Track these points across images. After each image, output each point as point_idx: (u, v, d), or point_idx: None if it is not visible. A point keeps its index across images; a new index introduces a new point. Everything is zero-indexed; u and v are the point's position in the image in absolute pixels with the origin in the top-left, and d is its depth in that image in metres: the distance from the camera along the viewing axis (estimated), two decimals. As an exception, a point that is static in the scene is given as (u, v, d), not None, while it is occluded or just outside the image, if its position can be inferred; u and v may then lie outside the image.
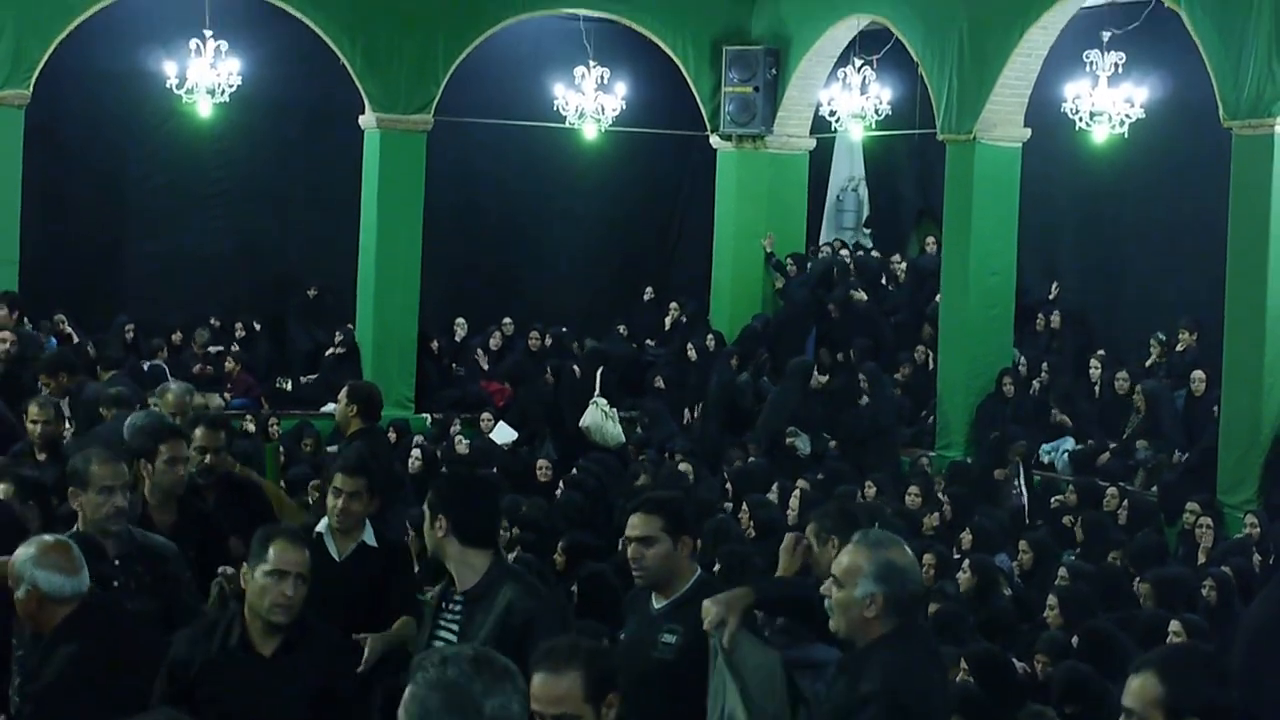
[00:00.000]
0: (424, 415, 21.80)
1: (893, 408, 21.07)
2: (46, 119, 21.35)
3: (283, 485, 14.95)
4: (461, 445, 20.22)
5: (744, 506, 15.95)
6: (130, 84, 22.57)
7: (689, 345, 23.14)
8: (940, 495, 17.64)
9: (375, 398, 11.87)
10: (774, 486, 17.70)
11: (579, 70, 23.16)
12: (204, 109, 21.43)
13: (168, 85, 21.30)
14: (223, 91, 21.20)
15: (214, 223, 23.96)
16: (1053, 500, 18.11)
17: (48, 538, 7.11)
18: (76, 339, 20.51)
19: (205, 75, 21.12)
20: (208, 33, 21.11)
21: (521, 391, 22.37)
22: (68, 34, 20.55)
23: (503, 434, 21.17)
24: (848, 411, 20.98)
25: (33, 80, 20.38)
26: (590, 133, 23.45)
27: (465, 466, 18.10)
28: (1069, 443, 19.72)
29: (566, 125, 23.39)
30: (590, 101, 23.06)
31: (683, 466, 18.67)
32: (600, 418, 21.60)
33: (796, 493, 17.03)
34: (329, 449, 19.45)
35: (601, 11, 23.43)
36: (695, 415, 22.07)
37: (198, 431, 9.65)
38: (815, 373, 21.61)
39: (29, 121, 20.54)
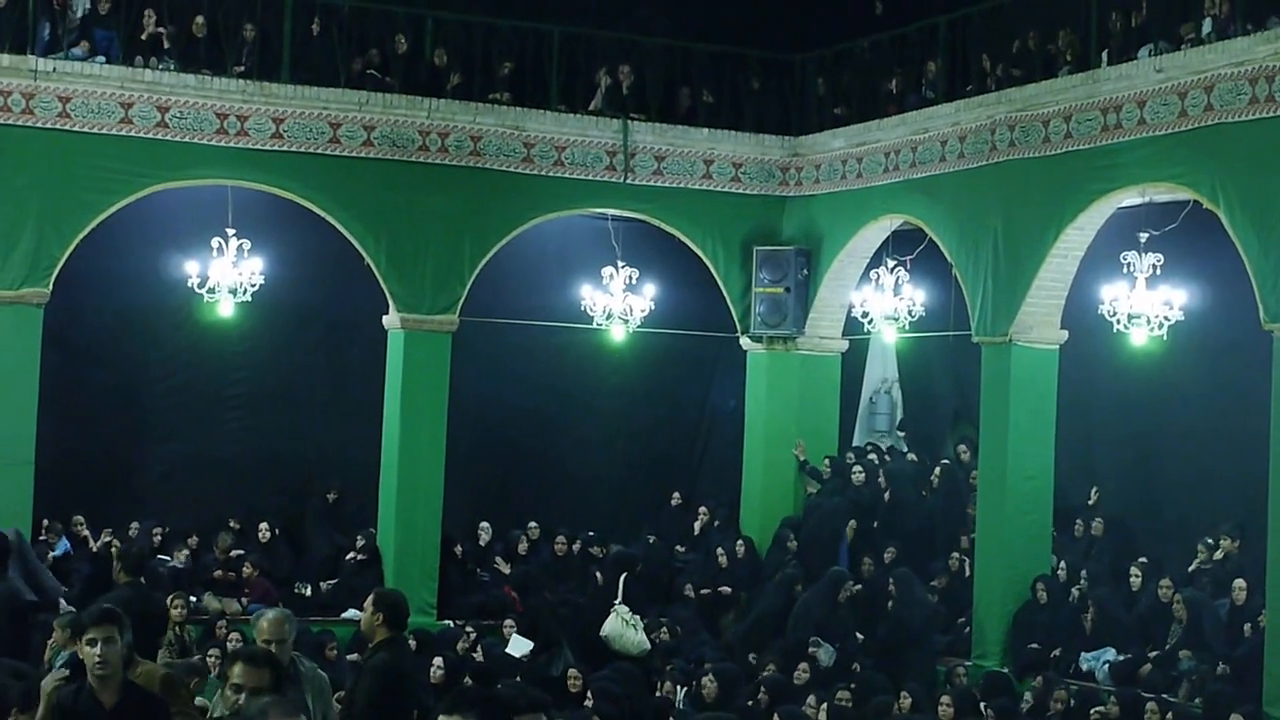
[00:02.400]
0: (446, 622, 21.29)
1: (924, 613, 20.48)
2: (65, 318, 21.09)
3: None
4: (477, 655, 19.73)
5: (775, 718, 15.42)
6: (151, 283, 22.35)
7: (719, 551, 22.67)
8: (983, 709, 17.03)
9: (402, 606, 11.46)
10: (809, 699, 17.15)
11: (607, 270, 22.95)
12: (225, 309, 21.19)
13: (189, 284, 21.08)
14: (245, 291, 20.99)
15: (233, 424, 23.62)
16: (1093, 712, 17.46)
17: None
18: (96, 543, 20.26)
19: (227, 275, 20.93)
20: (230, 231, 20.97)
21: (530, 601, 21.84)
22: (88, 233, 20.37)
23: (518, 645, 20.60)
24: (876, 616, 20.47)
25: (52, 279, 20.20)
26: (618, 334, 23.14)
27: (488, 679, 17.63)
28: (1110, 653, 19.12)
29: (594, 326, 23.11)
30: (618, 302, 22.80)
31: (708, 689, 18.12)
32: (620, 625, 21.05)
33: (824, 706, 16.49)
34: (349, 657, 18.99)
35: (630, 211, 23.26)
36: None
37: (236, 668, 9.21)
38: (849, 583, 21.09)
39: (48, 320, 20.32)
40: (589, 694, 17.81)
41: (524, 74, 22.88)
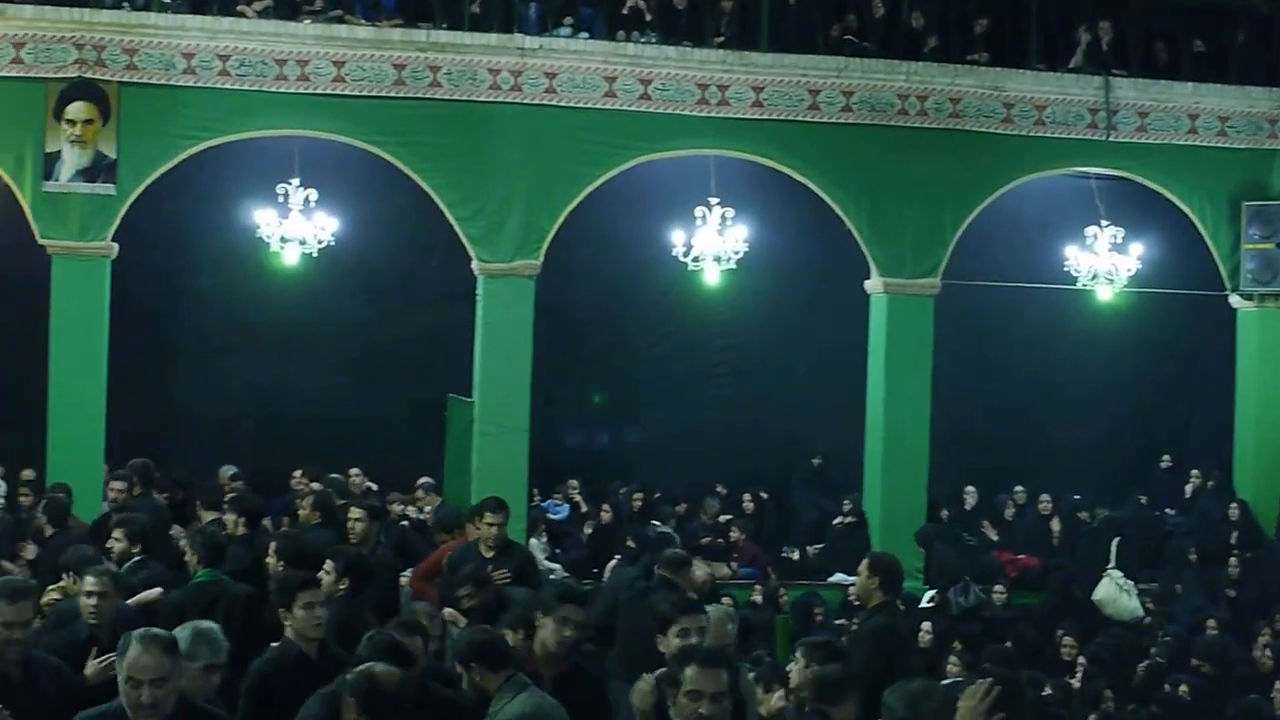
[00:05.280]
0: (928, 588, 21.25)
1: None
2: (555, 289, 21.63)
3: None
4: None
5: None
6: (637, 253, 22.76)
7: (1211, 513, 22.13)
8: None
9: (897, 570, 11.52)
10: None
11: (1091, 230, 22.52)
12: (711, 276, 21.47)
13: (674, 254, 21.44)
14: (729, 259, 21.26)
15: (719, 391, 23.97)
16: None
17: None
18: (585, 508, 20.77)
19: (711, 243, 21.22)
20: (714, 201, 21.26)
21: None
22: (578, 204, 20.84)
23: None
24: None
25: (542, 251, 20.75)
26: (1104, 294, 22.70)
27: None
28: None
29: (1079, 287, 22.72)
30: (1104, 262, 22.36)
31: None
32: (1114, 590, 20.67)
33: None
34: (837, 621, 19.09)
35: (1114, 170, 22.77)
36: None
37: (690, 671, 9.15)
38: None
39: (539, 291, 20.88)
40: (1080, 659, 17.61)
41: (1002, 33, 22.59)
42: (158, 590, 11.75)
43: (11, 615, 8.59)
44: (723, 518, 22.18)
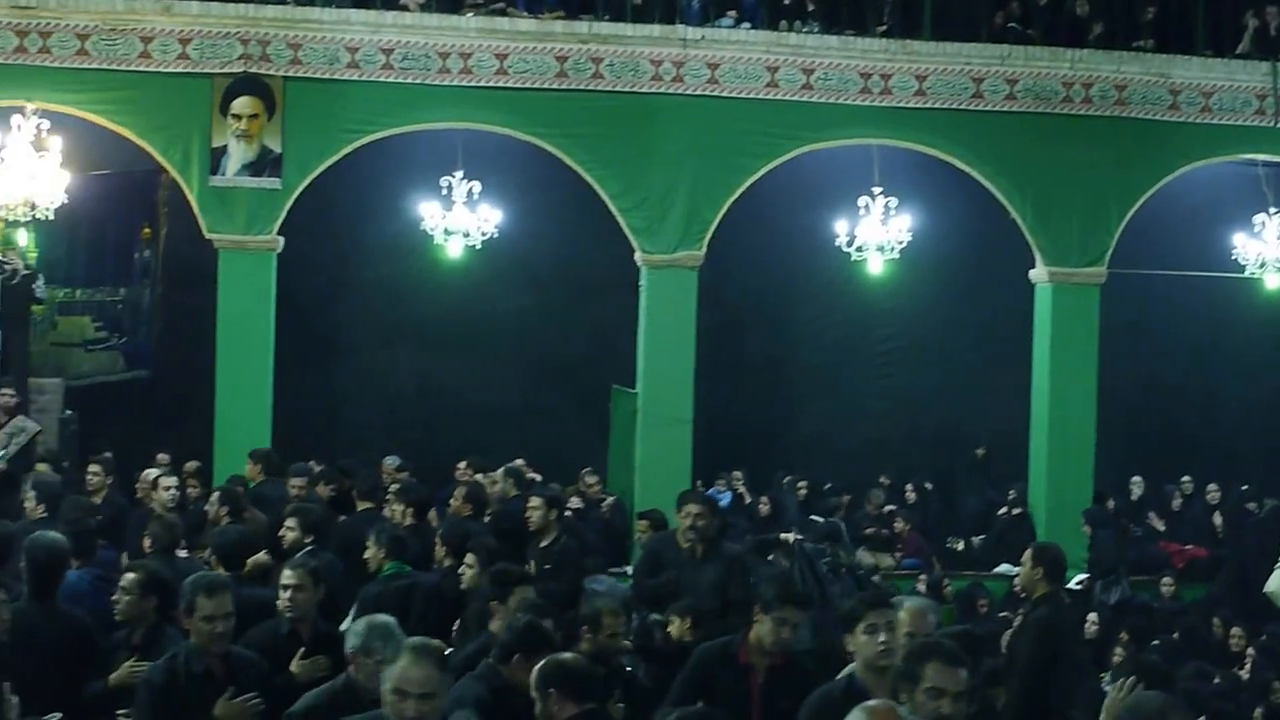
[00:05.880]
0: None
1: None
2: (718, 279, 21.62)
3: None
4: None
5: None
6: (800, 243, 22.73)
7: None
8: None
9: (1061, 560, 11.47)
10: None
11: (1258, 218, 22.18)
12: (874, 266, 21.37)
13: (837, 244, 21.35)
14: (893, 249, 21.15)
15: (882, 381, 23.89)
16: None
17: None
18: (750, 498, 20.71)
19: (875, 233, 21.12)
20: (876, 190, 21.15)
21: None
22: (740, 194, 20.79)
23: None
24: None
25: (705, 242, 20.72)
26: (1272, 282, 22.34)
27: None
28: None
29: (1246, 275, 22.38)
30: (1272, 249, 22.01)
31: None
32: (1286, 582, 20.31)
33: None
34: (1001, 613, 18.93)
35: (1280, 156, 22.44)
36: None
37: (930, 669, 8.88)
38: None
39: (702, 281, 20.86)
40: (1249, 651, 17.33)
41: (1168, 19, 22.30)
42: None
43: (211, 609, 8.58)
44: (887, 508, 22.09)
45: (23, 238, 21.28)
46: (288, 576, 9.76)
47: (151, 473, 15.75)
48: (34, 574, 9.78)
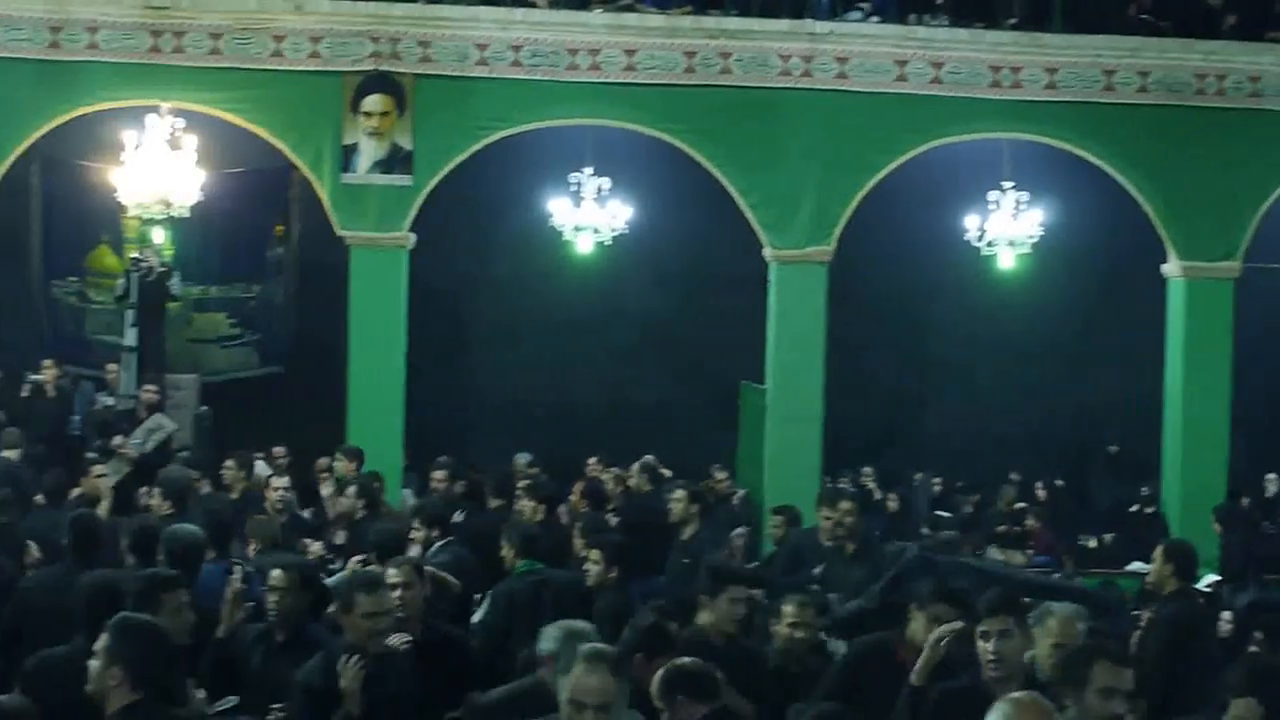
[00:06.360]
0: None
1: None
2: (848, 275, 21.54)
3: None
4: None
5: None
6: (930, 238, 22.64)
7: None
8: None
9: (1193, 557, 11.35)
10: None
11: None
12: (1005, 261, 21.30)
13: (967, 238, 21.26)
14: (1024, 244, 21.05)
15: (1013, 378, 23.76)
16: None
17: None
18: (879, 495, 20.64)
19: (1006, 227, 21.02)
20: (1007, 184, 21.03)
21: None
22: (870, 189, 20.72)
23: None
24: None
25: (834, 237, 20.64)
26: None
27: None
28: None
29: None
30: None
31: None
32: None
33: None
34: (1134, 611, 18.75)
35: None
36: None
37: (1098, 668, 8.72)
38: None
39: (831, 277, 20.77)
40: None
41: (1303, 9, 22.06)
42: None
43: (371, 606, 8.61)
44: (1018, 505, 21.93)
45: (159, 235, 21.59)
46: (392, 574, 9.59)
47: (263, 471, 15.79)
48: (170, 567, 9.89)
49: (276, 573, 9.62)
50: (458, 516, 14.47)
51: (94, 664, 6.80)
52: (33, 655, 8.61)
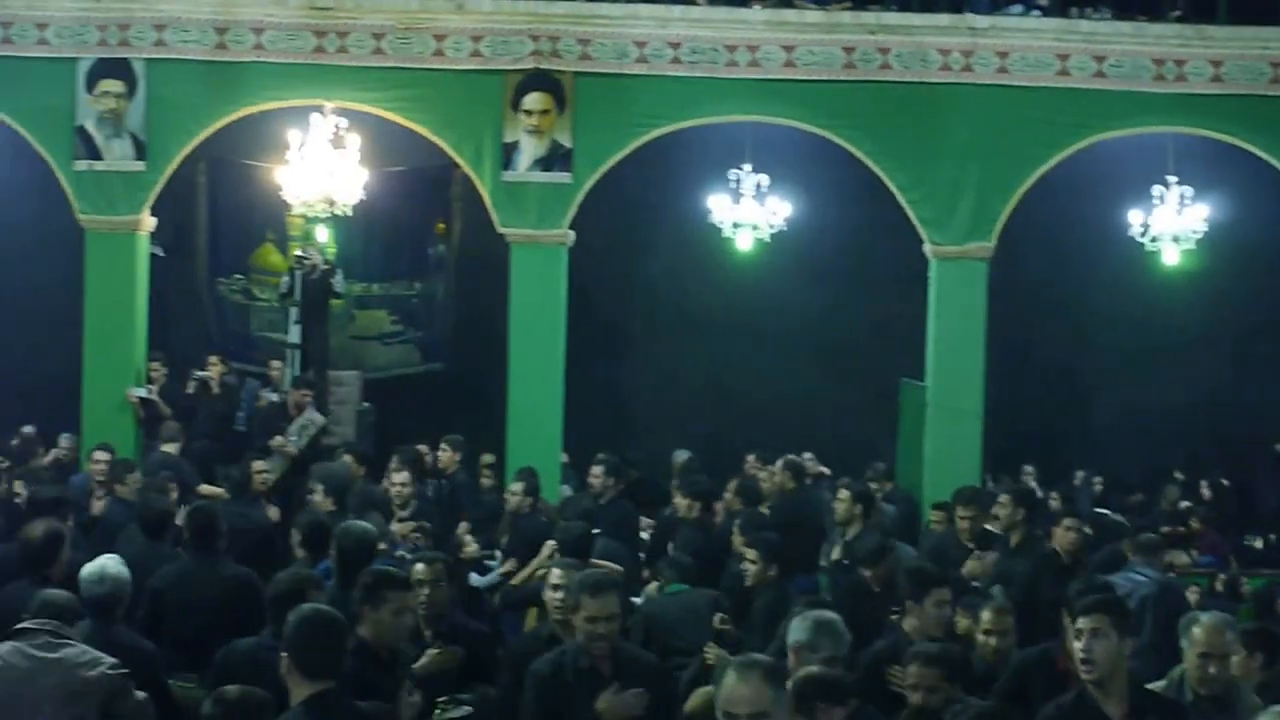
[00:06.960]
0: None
1: None
2: (1009, 271, 21.35)
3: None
4: None
5: None
6: (1092, 233, 22.42)
7: None
8: None
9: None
10: None
11: None
12: (1169, 257, 21.03)
13: (1130, 233, 21.02)
14: (1188, 239, 20.81)
15: (1177, 372, 23.42)
16: None
17: None
18: (1040, 493, 20.46)
19: (1170, 223, 20.77)
20: (1172, 179, 20.77)
21: None
22: (1031, 184, 20.52)
23: None
24: None
25: (995, 233, 20.46)
26: None
27: None
28: None
29: None
30: None
31: None
32: None
33: None
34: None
35: None
36: None
37: None
38: None
39: (992, 273, 20.60)
40: None
41: None
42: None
43: (595, 609, 8.58)
44: (1182, 505, 21.66)
45: (322, 234, 21.85)
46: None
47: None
48: (342, 563, 10.00)
49: (420, 566, 9.68)
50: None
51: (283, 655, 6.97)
52: (222, 647, 8.85)
